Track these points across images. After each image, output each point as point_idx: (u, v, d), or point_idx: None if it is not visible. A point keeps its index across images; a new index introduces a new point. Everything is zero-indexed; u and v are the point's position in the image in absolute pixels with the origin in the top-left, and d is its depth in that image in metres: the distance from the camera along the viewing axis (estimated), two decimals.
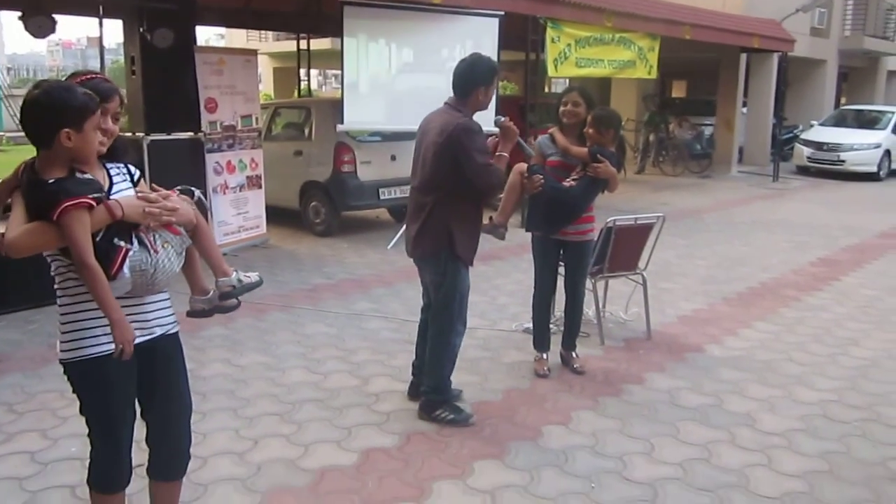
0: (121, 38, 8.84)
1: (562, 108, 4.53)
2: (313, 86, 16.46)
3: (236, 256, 7.72)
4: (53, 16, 7.29)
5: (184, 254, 2.45)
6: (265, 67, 24.98)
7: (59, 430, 3.87)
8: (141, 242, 2.31)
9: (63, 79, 2.43)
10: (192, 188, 2.58)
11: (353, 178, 8.89)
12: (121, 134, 2.53)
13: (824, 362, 4.95)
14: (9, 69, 51.76)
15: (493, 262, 7.66)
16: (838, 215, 11.30)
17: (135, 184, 2.46)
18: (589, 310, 5.25)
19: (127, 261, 2.27)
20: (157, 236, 2.35)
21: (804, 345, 5.29)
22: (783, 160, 16.74)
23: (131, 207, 2.28)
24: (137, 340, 2.33)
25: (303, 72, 13.91)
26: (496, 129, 3.98)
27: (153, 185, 2.48)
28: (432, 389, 3.99)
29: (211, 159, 7.78)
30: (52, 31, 7.05)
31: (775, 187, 14.91)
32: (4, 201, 2.29)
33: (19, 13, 6.99)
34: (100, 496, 2.54)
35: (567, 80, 20.19)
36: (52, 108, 2.16)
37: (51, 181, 2.19)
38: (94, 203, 2.19)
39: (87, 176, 2.26)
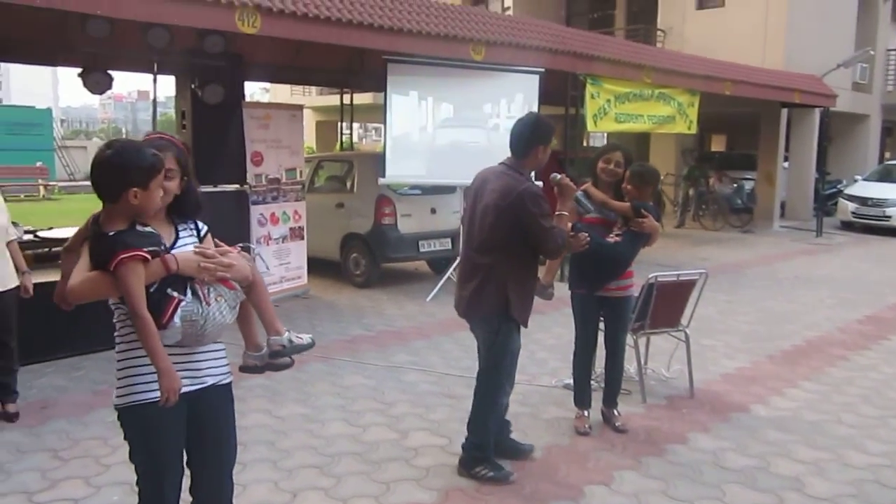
0: (170, 92, 9.15)
1: (602, 165, 4.55)
2: (354, 138, 16.75)
3: (277, 307, 7.78)
4: (109, 72, 7.61)
5: (237, 308, 2.50)
6: (308, 120, 25.59)
7: (102, 477, 3.91)
8: (195, 294, 2.38)
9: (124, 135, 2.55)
10: (251, 245, 2.66)
11: (393, 230, 9.00)
12: (197, 190, 2.64)
13: (875, 424, 4.80)
14: (62, 121, 53.88)
15: (533, 315, 7.55)
16: (885, 272, 11.07)
17: (200, 239, 2.55)
18: (630, 366, 5.19)
19: (179, 311, 2.34)
20: (211, 289, 2.41)
21: (853, 406, 5.15)
22: (827, 215, 16.51)
23: (186, 262, 2.36)
24: (187, 389, 2.40)
25: (345, 125, 14.20)
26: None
27: (216, 240, 2.56)
28: (474, 446, 3.96)
29: (255, 211, 7.95)
30: (109, 87, 7.34)
31: (819, 242, 14.67)
32: (78, 250, 2.39)
33: (79, 70, 7.30)
34: None
35: (605, 134, 20.34)
36: (122, 168, 2.27)
37: (111, 233, 2.29)
38: (148, 256, 2.27)
39: (148, 229, 2.36)
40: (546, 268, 4.51)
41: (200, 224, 2.61)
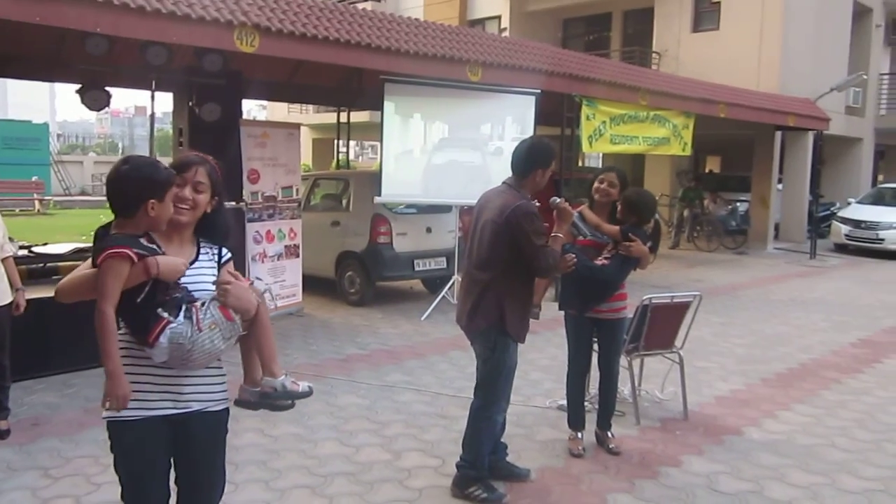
0: (167, 108, 9.18)
1: (596, 185, 4.59)
2: (350, 156, 16.79)
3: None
4: (107, 89, 7.64)
5: (232, 340, 2.45)
6: (304, 138, 25.63)
7: (93, 496, 3.89)
8: (188, 317, 2.36)
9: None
10: (262, 281, 2.68)
11: (388, 248, 9.01)
12: (228, 216, 2.66)
13: (869, 449, 4.80)
14: (59, 135, 53.84)
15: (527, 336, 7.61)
16: (879, 295, 11.10)
17: (220, 265, 2.57)
18: (624, 388, 5.19)
19: (167, 331, 2.33)
20: (207, 315, 2.38)
21: (847, 430, 5.15)
22: (820, 237, 16.58)
23: (168, 267, 2.34)
24: (169, 412, 2.42)
25: (341, 143, 14.26)
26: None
27: (230, 271, 2.56)
28: (468, 464, 3.95)
29: (251, 228, 7.96)
30: (107, 104, 7.38)
31: (813, 265, 14.73)
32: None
33: (77, 87, 7.33)
34: None
35: (600, 155, 20.43)
36: (140, 182, 2.31)
37: (113, 233, 2.34)
38: (135, 257, 2.27)
39: (152, 246, 2.37)
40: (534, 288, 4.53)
41: (224, 250, 2.61)
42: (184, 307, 2.37)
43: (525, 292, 3.96)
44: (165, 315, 2.33)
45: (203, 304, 2.39)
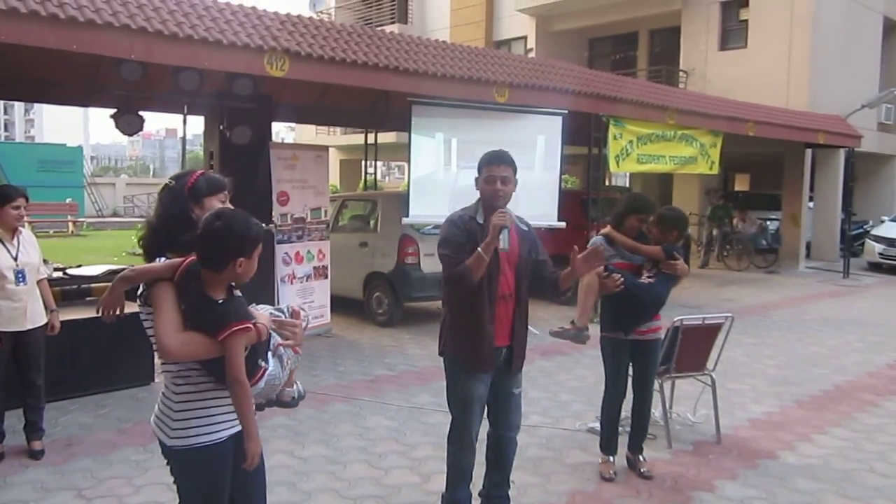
0: (198, 130, 9.33)
1: (636, 223, 4.44)
2: (377, 176, 16.90)
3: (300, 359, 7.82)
4: (140, 113, 7.78)
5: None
6: (332, 159, 25.77)
7: None
8: (278, 359, 2.55)
9: (171, 181, 2.65)
10: (304, 310, 2.81)
11: (416, 269, 9.03)
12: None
13: None
14: (93, 158, 54.94)
15: (555, 356, 7.58)
16: None
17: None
18: (656, 411, 5.11)
19: (265, 377, 2.48)
20: (287, 353, 2.59)
21: (885, 454, 5.03)
22: (853, 256, 16.31)
23: (265, 327, 2.49)
24: (235, 430, 2.48)
25: (369, 163, 14.35)
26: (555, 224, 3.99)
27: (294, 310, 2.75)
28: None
29: (280, 250, 8.03)
30: (141, 128, 7.49)
31: (846, 284, 14.49)
32: (139, 283, 2.44)
33: (111, 111, 7.47)
34: None
35: (627, 174, 20.36)
36: (231, 241, 2.35)
37: (220, 301, 2.38)
38: (253, 329, 2.39)
39: (239, 294, 2.47)
40: (578, 310, 4.50)
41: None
42: (269, 352, 2.53)
43: (461, 309, 3.54)
44: (264, 364, 2.48)
45: (280, 346, 2.57)
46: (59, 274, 6.49)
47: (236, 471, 2.53)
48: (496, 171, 3.61)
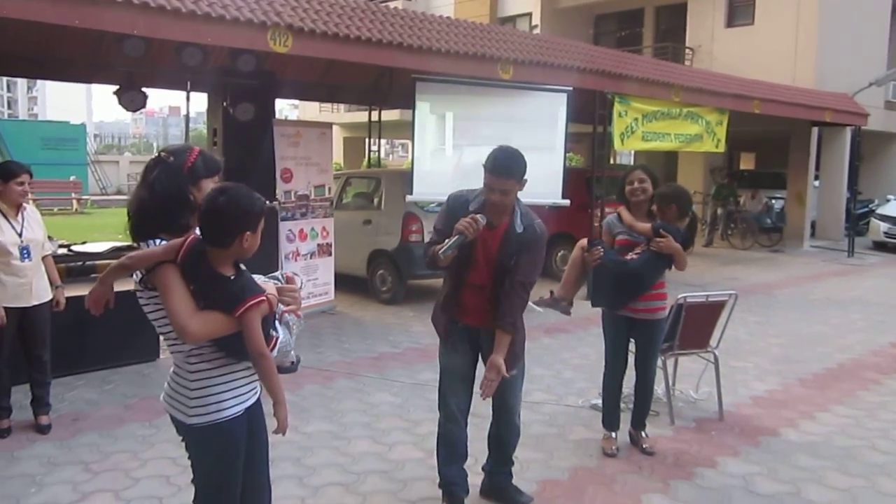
0: (201, 108, 9.31)
1: (628, 188, 4.50)
2: (381, 154, 16.85)
3: (305, 322, 7.86)
4: (143, 90, 7.76)
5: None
6: (336, 137, 25.78)
7: (132, 491, 3.95)
8: (285, 326, 2.54)
9: (158, 152, 2.59)
10: (299, 275, 2.79)
11: (419, 247, 9.01)
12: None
13: None
14: (96, 136, 54.82)
15: (559, 334, 7.60)
16: None
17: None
18: (658, 388, 5.13)
19: (277, 345, 2.48)
20: (292, 320, 2.58)
21: (887, 432, 5.05)
22: (858, 235, 16.26)
23: (275, 296, 2.48)
24: (250, 402, 2.50)
25: (372, 141, 14.31)
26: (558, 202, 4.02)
27: (287, 276, 2.71)
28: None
29: (284, 227, 8.03)
30: (143, 105, 7.49)
31: (851, 263, 14.46)
32: (139, 269, 2.39)
33: (114, 88, 7.46)
34: None
35: (632, 152, 20.27)
36: (237, 216, 2.34)
37: (232, 278, 2.38)
38: (266, 300, 2.38)
39: (245, 270, 2.47)
40: (562, 281, 4.56)
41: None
42: (276, 320, 2.51)
43: (445, 287, 3.86)
44: (275, 333, 2.47)
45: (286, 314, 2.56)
46: (64, 251, 6.50)
47: (248, 442, 2.56)
48: (496, 183, 3.53)
